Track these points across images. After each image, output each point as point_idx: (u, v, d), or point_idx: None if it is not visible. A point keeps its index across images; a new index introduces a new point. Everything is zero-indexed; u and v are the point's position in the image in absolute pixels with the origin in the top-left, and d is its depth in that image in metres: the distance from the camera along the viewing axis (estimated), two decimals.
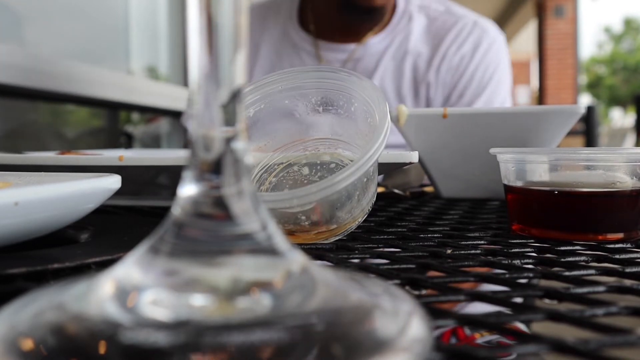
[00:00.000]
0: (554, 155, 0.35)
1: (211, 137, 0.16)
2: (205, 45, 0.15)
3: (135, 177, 0.46)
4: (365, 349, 0.13)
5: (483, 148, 0.45)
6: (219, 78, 0.16)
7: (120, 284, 0.15)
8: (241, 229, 0.16)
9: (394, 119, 0.52)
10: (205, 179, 0.16)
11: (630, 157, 0.33)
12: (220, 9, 0.15)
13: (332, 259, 0.29)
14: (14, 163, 0.44)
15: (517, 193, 0.36)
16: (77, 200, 0.26)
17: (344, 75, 0.36)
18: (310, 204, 0.31)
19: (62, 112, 1.18)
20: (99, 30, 1.39)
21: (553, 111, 0.50)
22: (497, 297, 0.21)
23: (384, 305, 0.15)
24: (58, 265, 0.23)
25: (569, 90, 6.30)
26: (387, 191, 0.59)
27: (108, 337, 0.13)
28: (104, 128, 1.34)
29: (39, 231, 0.26)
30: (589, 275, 0.25)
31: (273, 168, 0.39)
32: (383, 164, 0.40)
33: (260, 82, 0.37)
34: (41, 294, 0.16)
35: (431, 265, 0.27)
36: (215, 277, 0.15)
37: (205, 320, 0.14)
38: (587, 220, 0.34)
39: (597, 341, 0.16)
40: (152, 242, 0.16)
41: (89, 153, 0.55)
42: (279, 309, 0.14)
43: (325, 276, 0.16)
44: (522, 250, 0.31)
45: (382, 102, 0.33)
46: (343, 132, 0.38)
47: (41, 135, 1.09)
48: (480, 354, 0.16)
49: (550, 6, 6.27)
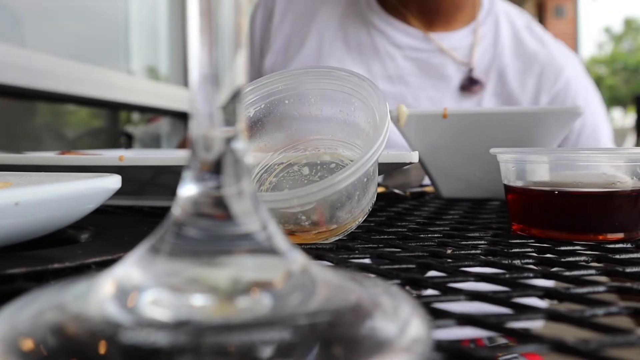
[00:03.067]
0: (554, 155, 0.35)
1: (211, 137, 0.16)
2: (206, 45, 0.15)
3: (135, 177, 0.46)
4: (365, 349, 0.13)
5: (483, 148, 0.45)
6: (219, 78, 0.16)
7: (120, 284, 0.15)
8: (241, 229, 0.16)
9: (394, 119, 0.52)
10: (205, 179, 0.16)
11: (630, 157, 0.33)
12: (220, 9, 0.15)
13: (332, 259, 0.29)
14: (14, 163, 0.44)
15: (517, 193, 0.36)
16: (77, 200, 0.26)
17: (345, 75, 0.36)
18: (311, 204, 0.31)
19: (62, 112, 1.18)
20: (99, 30, 1.39)
21: (553, 111, 0.50)
22: (497, 297, 0.21)
23: (384, 305, 0.15)
24: (58, 265, 0.23)
25: None
26: (387, 191, 0.59)
27: (108, 337, 0.13)
28: (104, 128, 1.34)
29: (39, 231, 0.26)
30: (589, 275, 0.25)
31: (273, 168, 0.39)
32: (383, 164, 0.40)
33: (260, 82, 0.37)
34: (41, 294, 0.16)
35: (431, 265, 0.27)
36: (215, 277, 0.15)
37: (206, 320, 0.14)
38: (587, 220, 0.34)
39: (597, 341, 0.16)
40: (152, 242, 0.16)
41: (89, 153, 0.55)
42: (279, 309, 0.14)
43: (325, 276, 0.16)
44: (522, 250, 0.31)
45: (382, 102, 0.33)
46: (343, 132, 0.38)
47: (41, 135, 1.09)
48: (480, 354, 0.16)
49: (550, 6, 6.27)
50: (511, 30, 0.86)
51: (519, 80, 0.83)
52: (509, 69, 0.83)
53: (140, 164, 0.42)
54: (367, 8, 0.85)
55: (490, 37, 0.85)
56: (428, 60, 0.83)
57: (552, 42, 0.87)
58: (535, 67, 0.83)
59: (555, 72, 0.83)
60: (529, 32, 0.86)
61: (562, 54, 0.86)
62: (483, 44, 0.84)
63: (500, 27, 0.85)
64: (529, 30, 0.87)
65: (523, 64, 0.83)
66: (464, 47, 0.84)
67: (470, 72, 0.82)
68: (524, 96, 0.82)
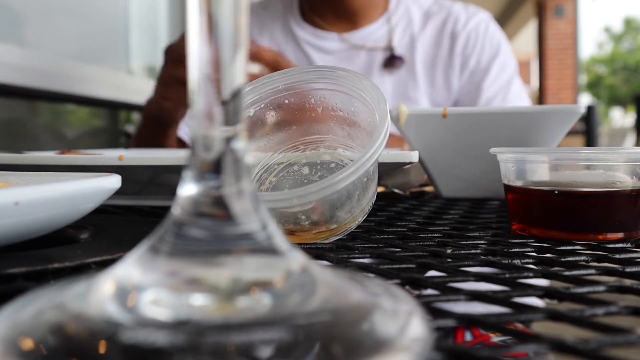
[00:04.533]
0: (554, 155, 0.35)
1: (211, 137, 0.16)
2: (206, 46, 0.15)
3: (135, 177, 0.46)
4: (365, 349, 0.13)
5: (483, 148, 0.45)
6: (219, 78, 0.16)
7: (120, 284, 0.15)
8: (241, 229, 0.16)
9: (394, 118, 0.52)
10: (205, 178, 0.16)
11: (630, 157, 0.33)
12: (220, 9, 0.15)
13: (332, 258, 0.29)
14: (14, 163, 0.44)
15: (517, 193, 0.36)
16: (77, 200, 0.26)
17: (344, 74, 0.35)
18: (310, 204, 0.31)
19: (62, 112, 1.18)
20: (99, 30, 1.39)
21: (553, 111, 0.50)
22: (497, 297, 0.21)
23: (384, 305, 0.15)
24: (58, 265, 0.23)
25: (569, 90, 6.30)
26: (387, 191, 0.59)
27: (108, 337, 0.13)
28: (104, 128, 1.34)
29: (39, 231, 0.26)
30: (589, 275, 0.25)
31: (273, 168, 0.39)
32: (383, 163, 0.40)
33: (260, 82, 0.37)
34: (41, 294, 0.16)
35: (431, 265, 0.27)
36: (215, 277, 0.15)
37: (206, 320, 0.14)
38: (587, 220, 0.34)
39: (597, 341, 0.16)
40: (152, 241, 0.16)
41: (89, 153, 0.55)
42: (279, 308, 0.14)
43: (325, 276, 0.16)
44: (522, 250, 0.31)
45: (382, 101, 0.33)
46: (343, 132, 0.38)
47: (41, 135, 1.09)
48: (481, 354, 0.16)
49: (551, 6, 6.27)
50: (420, 10, 0.98)
51: (436, 43, 0.96)
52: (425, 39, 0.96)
53: (140, 164, 0.42)
54: (294, 23, 0.98)
55: (404, 21, 0.97)
56: (357, 55, 0.95)
57: (460, 5, 1.00)
58: (447, 28, 0.96)
59: (464, 20, 0.96)
60: (438, 6, 0.99)
61: (470, 9, 0.99)
62: (399, 28, 0.96)
63: (412, 11, 0.98)
64: (437, 6, 0.99)
65: (435, 30, 0.96)
66: (382, 35, 0.96)
67: (391, 51, 0.95)
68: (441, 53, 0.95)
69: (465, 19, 0.96)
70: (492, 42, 0.96)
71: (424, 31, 0.96)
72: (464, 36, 0.95)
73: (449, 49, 0.95)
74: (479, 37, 0.95)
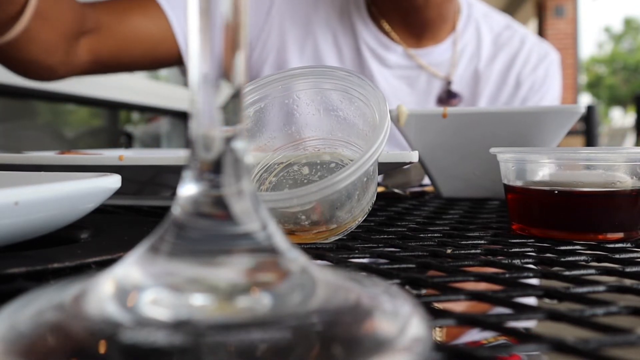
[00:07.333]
0: (554, 155, 0.35)
1: (211, 136, 0.16)
2: (205, 45, 0.15)
3: (135, 177, 0.46)
4: (365, 349, 0.13)
5: (483, 148, 0.45)
6: (219, 78, 0.16)
7: (120, 284, 0.15)
8: (241, 229, 0.16)
9: (394, 119, 0.52)
10: (205, 178, 0.16)
11: (630, 157, 0.33)
12: (220, 9, 0.15)
13: (332, 259, 0.29)
14: (14, 163, 0.44)
15: (517, 193, 0.36)
16: (77, 200, 0.26)
17: (344, 75, 0.36)
18: (310, 204, 0.31)
19: (62, 112, 1.18)
20: None
21: (553, 111, 0.50)
22: (497, 297, 0.21)
23: (384, 305, 0.15)
24: (58, 265, 0.23)
25: (569, 90, 6.30)
26: (387, 191, 0.59)
27: (108, 336, 0.13)
28: (104, 128, 1.34)
29: (39, 231, 0.26)
30: (589, 275, 0.25)
31: (273, 168, 0.39)
32: (383, 163, 0.40)
33: (260, 82, 0.37)
34: (41, 294, 0.16)
35: (431, 265, 0.27)
36: (215, 277, 0.15)
37: (205, 320, 0.14)
38: (587, 220, 0.34)
39: (597, 341, 0.16)
40: (152, 241, 0.16)
41: (89, 153, 0.55)
42: (279, 308, 0.14)
43: (325, 276, 0.16)
44: (522, 250, 0.31)
45: (382, 102, 0.33)
46: (343, 132, 0.38)
47: (41, 135, 1.09)
48: (481, 354, 0.16)
49: (550, 6, 6.27)
50: (491, 35, 0.88)
51: (500, 84, 0.87)
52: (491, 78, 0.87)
53: (140, 164, 0.42)
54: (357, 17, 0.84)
55: (471, 48, 0.87)
56: (417, 77, 0.85)
57: (533, 38, 0.91)
58: (515, 68, 0.87)
59: (534, 64, 0.88)
60: (510, 33, 0.89)
61: (543, 48, 0.91)
62: (463, 59, 0.86)
63: (482, 33, 0.88)
64: (509, 32, 0.90)
65: (503, 67, 0.87)
66: (445, 60, 0.86)
67: (448, 84, 0.85)
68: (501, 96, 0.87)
69: (536, 62, 0.88)
70: (553, 91, 0.89)
71: (490, 67, 0.86)
72: (529, 83, 0.87)
73: (511, 93, 0.87)
74: (542, 86, 0.88)
